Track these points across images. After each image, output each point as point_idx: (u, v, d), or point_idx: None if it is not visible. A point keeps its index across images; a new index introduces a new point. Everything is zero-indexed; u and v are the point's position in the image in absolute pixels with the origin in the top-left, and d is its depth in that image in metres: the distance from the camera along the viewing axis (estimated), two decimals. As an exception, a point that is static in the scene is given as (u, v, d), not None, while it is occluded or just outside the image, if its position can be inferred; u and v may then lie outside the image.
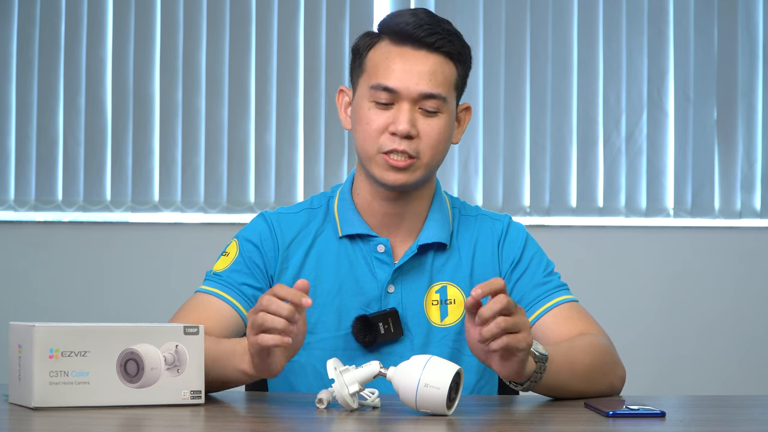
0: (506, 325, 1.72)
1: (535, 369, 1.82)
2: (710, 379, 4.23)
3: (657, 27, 4.30)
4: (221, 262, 2.11)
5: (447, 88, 2.04)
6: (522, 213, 4.25)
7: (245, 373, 1.84)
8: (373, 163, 2.04)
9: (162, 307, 3.13)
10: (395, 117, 2.02)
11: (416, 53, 2.03)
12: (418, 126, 2.02)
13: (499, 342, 1.73)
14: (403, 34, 2.03)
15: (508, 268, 2.14)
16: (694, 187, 4.29)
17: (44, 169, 4.21)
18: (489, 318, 1.72)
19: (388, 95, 2.02)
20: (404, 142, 2.01)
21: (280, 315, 1.72)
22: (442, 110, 2.04)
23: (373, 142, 2.03)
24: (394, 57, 2.03)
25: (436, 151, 2.04)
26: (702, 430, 1.70)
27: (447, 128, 2.05)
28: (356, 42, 2.10)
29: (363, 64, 2.07)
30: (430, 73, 2.02)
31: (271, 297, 1.73)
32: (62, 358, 1.72)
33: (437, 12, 4.30)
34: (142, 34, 4.24)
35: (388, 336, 2.07)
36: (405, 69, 2.02)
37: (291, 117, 4.25)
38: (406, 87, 2.01)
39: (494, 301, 1.72)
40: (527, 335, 1.75)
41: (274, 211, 2.16)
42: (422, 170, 2.05)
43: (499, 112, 4.26)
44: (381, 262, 2.09)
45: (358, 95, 2.07)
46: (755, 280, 4.28)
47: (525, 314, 1.76)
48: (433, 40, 2.03)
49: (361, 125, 2.04)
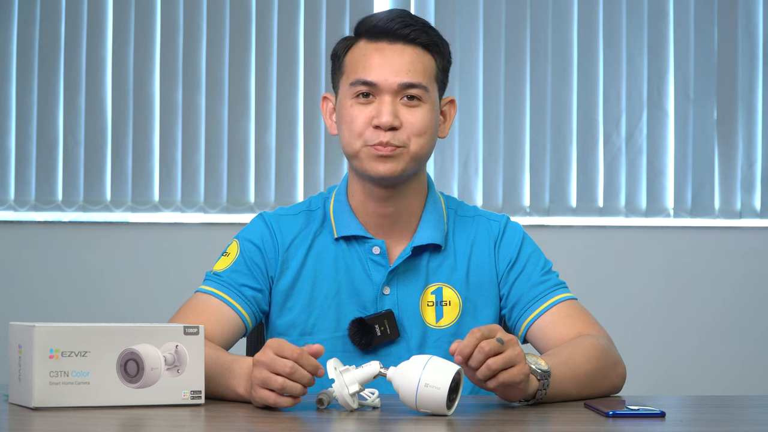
0: (497, 366, 1.74)
1: (538, 387, 1.83)
2: (710, 379, 4.23)
3: (657, 27, 4.30)
4: (221, 262, 2.11)
5: (427, 79, 2.06)
6: (522, 213, 4.25)
7: (240, 396, 1.84)
8: (360, 157, 2.05)
9: (162, 307, 3.13)
10: (378, 110, 2.03)
11: (393, 47, 2.05)
12: (401, 117, 2.04)
13: (494, 381, 1.76)
14: (378, 30, 2.06)
15: (504, 268, 2.14)
16: (694, 187, 4.29)
17: (44, 169, 4.21)
18: (477, 367, 1.74)
19: (368, 88, 2.03)
20: (388, 134, 2.02)
21: (301, 383, 1.73)
22: (424, 99, 2.05)
23: (358, 137, 2.04)
24: (371, 53, 2.05)
25: (422, 140, 2.05)
26: (702, 430, 1.70)
27: (431, 118, 2.06)
28: (334, 48, 2.13)
29: (342, 66, 2.09)
30: (409, 64, 2.04)
31: (294, 365, 1.72)
32: (62, 358, 1.72)
33: (437, 12, 4.32)
34: (142, 34, 4.24)
35: (384, 338, 2.07)
36: (383, 63, 2.04)
37: (291, 117, 4.25)
38: (385, 79, 2.03)
39: (477, 351, 1.74)
40: (522, 366, 1.76)
41: (273, 213, 2.16)
42: (409, 159, 2.05)
43: (499, 112, 4.26)
44: (376, 264, 2.10)
45: (340, 96, 2.09)
46: (755, 280, 4.28)
47: (517, 344, 1.77)
48: (408, 31, 2.05)
49: (346, 123, 2.06)
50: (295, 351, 1.73)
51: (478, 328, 1.75)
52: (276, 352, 1.74)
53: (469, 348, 1.74)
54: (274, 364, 1.73)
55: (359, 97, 2.05)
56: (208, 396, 1.87)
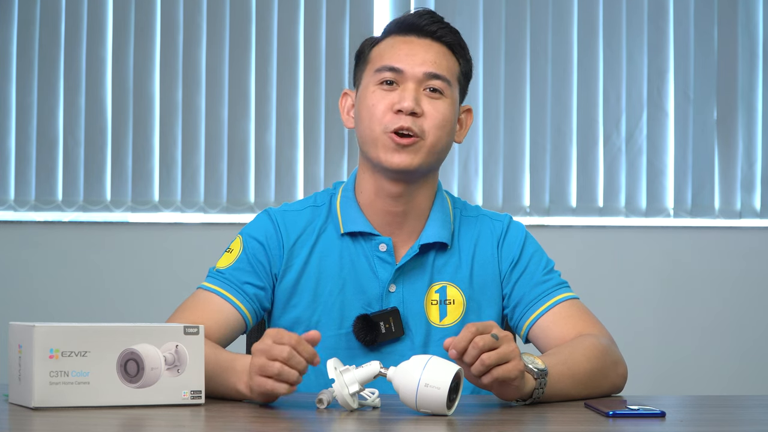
0: (491, 362, 1.74)
1: (535, 386, 1.83)
2: (710, 379, 4.23)
3: (657, 26, 4.30)
4: (224, 258, 2.11)
5: (451, 75, 2.09)
6: (522, 213, 4.25)
7: (240, 393, 1.84)
8: (378, 144, 2.05)
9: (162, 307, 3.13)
10: (400, 96, 2.05)
11: (421, 41, 2.09)
12: (422, 106, 2.05)
13: (488, 377, 1.75)
14: (407, 24, 2.10)
15: (507, 268, 2.14)
16: (694, 187, 4.29)
17: (44, 169, 4.21)
18: (472, 363, 1.74)
19: (393, 74, 2.06)
20: (409, 119, 2.03)
21: (297, 369, 1.74)
22: (446, 94, 2.07)
23: (379, 122, 2.05)
24: (399, 44, 2.09)
25: (441, 132, 2.06)
26: (702, 430, 1.70)
27: (451, 113, 2.07)
28: (360, 47, 2.16)
29: (368, 58, 2.12)
30: (435, 57, 2.08)
31: (292, 352, 1.74)
32: (62, 358, 1.72)
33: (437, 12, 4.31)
34: (142, 34, 4.24)
35: (389, 335, 2.07)
36: (410, 53, 2.07)
37: (291, 117, 4.25)
38: (410, 67, 2.06)
39: (472, 347, 1.74)
40: (517, 363, 1.76)
41: (279, 209, 2.15)
42: (426, 152, 2.05)
43: (499, 112, 4.26)
44: (383, 261, 2.10)
45: (362, 86, 2.10)
46: (755, 280, 4.28)
47: (512, 340, 1.77)
48: (435, 28, 2.09)
49: (367, 109, 2.06)
50: (293, 337, 1.74)
51: (473, 324, 1.76)
52: (274, 339, 1.75)
53: (463, 342, 1.74)
54: (272, 351, 1.74)
55: (383, 84, 2.06)
56: (209, 396, 1.87)
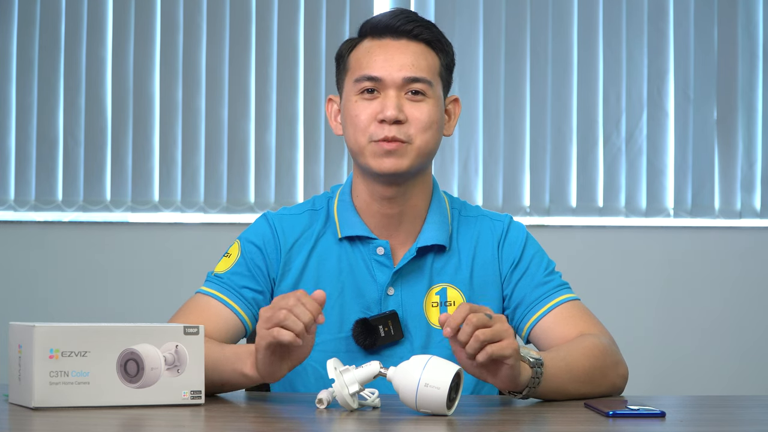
0: (485, 338, 1.74)
1: (531, 375, 1.82)
2: (710, 379, 4.23)
3: (657, 27, 4.30)
4: (223, 263, 2.11)
5: (431, 74, 2.06)
6: (522, 213, 4.25)
7: (246, 376, 1.84)
8: (366, 153, 2.05)
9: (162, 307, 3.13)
10: (382, 105, 2.03)
11: (397, 43, 2.06)
12: (405, 111, 2.04)
13: (483, 354, 1.75)
14: (381, 27, 2.07)
15: (508, 268, 2.13)
16: (694, 187, 4.29)
17: (44, 169, 4.21)
18: (466, 340, 1.74)
19: (372, 84, 2.04)
20: (393, 128, 2.03)
21: (302, 320, 1.74)
22: (428, 95, 2.05)
23: (364, 132, 2.04)
24: (375, 49, 2.06)
25: (428, 135, 2.05)
26: (702, 430, 1.70)
27: (436, 113, 2.06)
28: (338, 49, 2.13)
29: (347, 65, 2.10)
30: (413, 59, 2.05)
31: (297, 301, 1.75)
32: (62, 358, 1.72)
33: (437, 12, 4.32)
34: (142, 34, 4.24)
35: (388, 339, 2.07)
36: (387, 58, 2.05)
37: (291, 117, 4.25)
38: (389, 74, 2.04)
39: (466, 324, 1.74)
40: (511, 341, 1.76)
41: (277, 213, 2.15)
42: (414, 155, 2.04)
43: (499, 112, 4.26)
44: (380, 264, 2.09)
45: (345, 95, 2.09)
46: (755, 280, 4.28)
47: (506, 322, 1.77)
48: (411, 27, 2.06)
49: (351, 119, 2.06)
50: (298, 292, 1.77)
51: (467, 304, 1.76)
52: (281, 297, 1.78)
53: (457, 320, 1.74)
54: (278, 303, 1.76)
55: (364, 93, 2.05)
56: (215, 390, 1.87)
